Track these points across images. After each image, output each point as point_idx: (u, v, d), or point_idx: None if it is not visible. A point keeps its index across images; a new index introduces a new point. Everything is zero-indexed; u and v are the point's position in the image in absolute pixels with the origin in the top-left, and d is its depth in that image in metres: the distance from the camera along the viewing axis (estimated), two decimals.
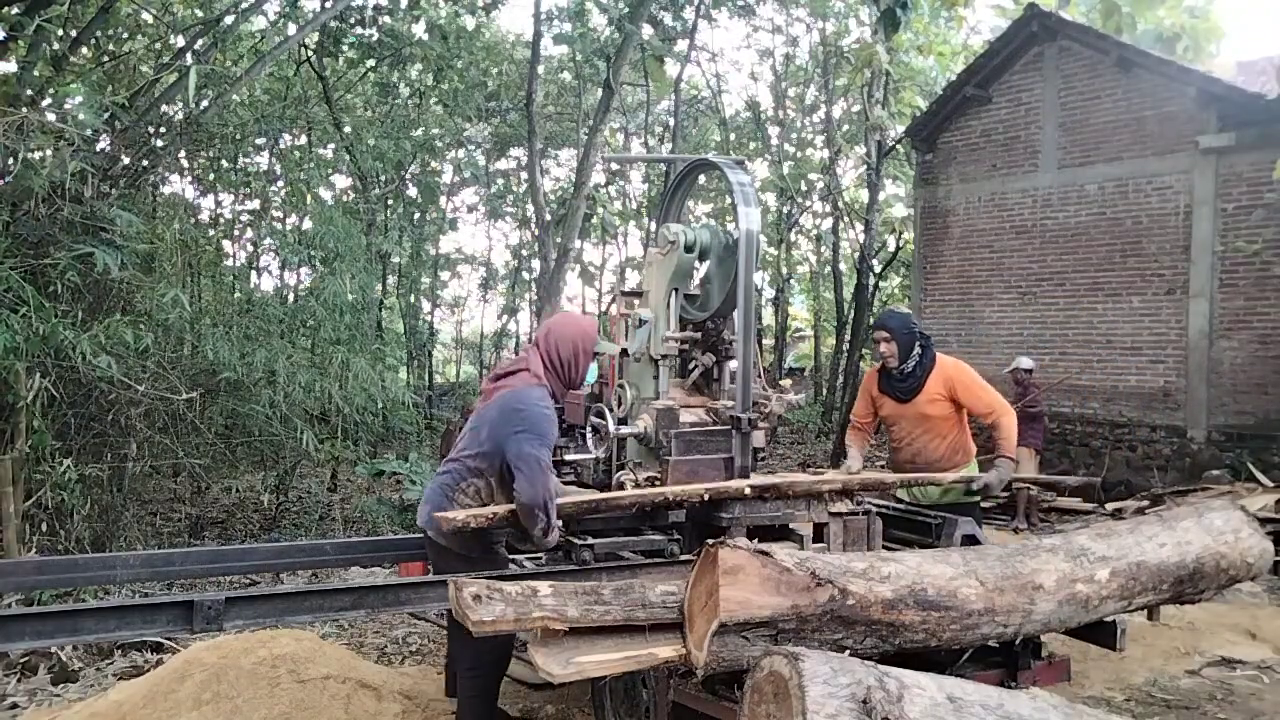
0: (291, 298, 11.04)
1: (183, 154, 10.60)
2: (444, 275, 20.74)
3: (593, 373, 3.49)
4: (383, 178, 14.88)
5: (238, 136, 11.15)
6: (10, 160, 5.69)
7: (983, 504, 5.47)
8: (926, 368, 4.41)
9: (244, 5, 9.44)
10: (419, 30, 13.31)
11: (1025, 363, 9.52)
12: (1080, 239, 10.74)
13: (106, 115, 6.84)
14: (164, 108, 8.81)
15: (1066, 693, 3.79)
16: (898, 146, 15.80)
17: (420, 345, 17.91)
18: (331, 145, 13.65)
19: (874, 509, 3.74)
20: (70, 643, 3.02)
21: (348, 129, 13.73)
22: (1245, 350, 9.46)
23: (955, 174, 12.08)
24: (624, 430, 3.99)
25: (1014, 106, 11.48)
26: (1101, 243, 10.55)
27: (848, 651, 2.30)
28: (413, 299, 18.32)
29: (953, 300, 12.07)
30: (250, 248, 12.41)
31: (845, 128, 18.16)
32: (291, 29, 10.80)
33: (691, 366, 4.25)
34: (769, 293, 19.07)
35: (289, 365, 8.09)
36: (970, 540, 3.71)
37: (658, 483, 3.67)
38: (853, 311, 15.96)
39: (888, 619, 2.48)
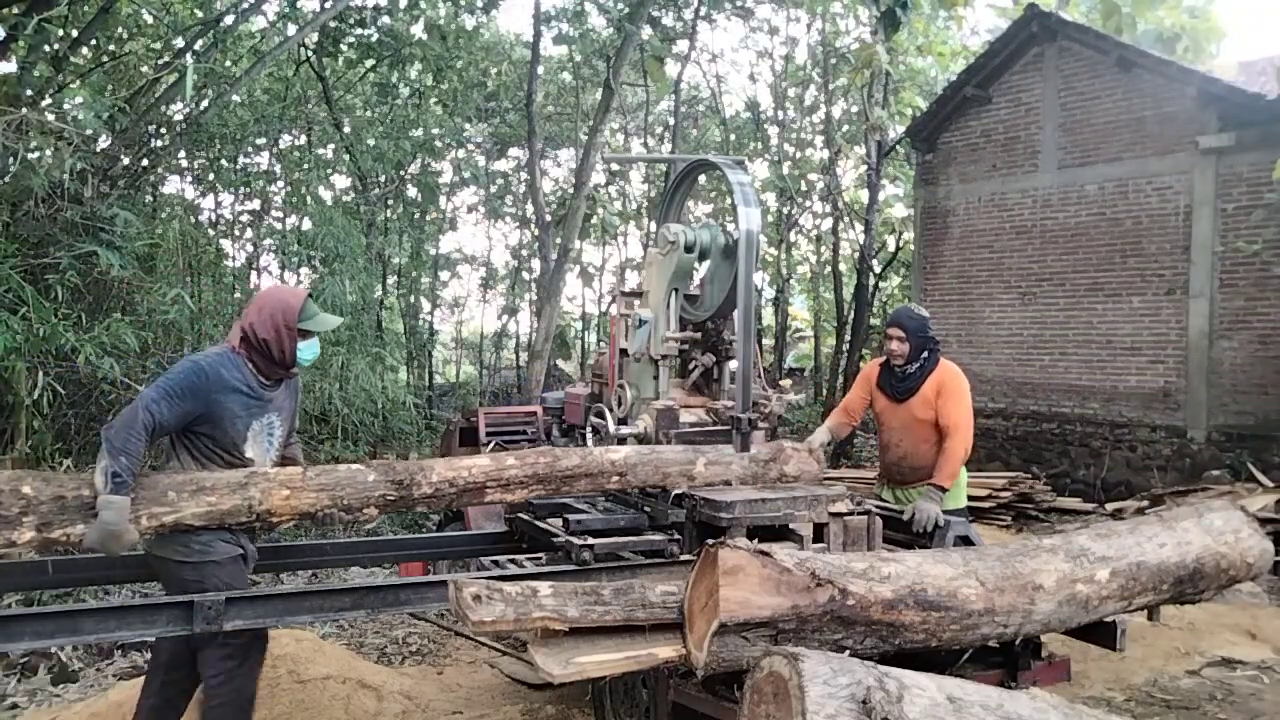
0: None
1: (183, 154, 10.60)
2: (444, 275, 20.72)
3: (312, 350, 3.28)
4: (383, 178, 14.87)
5: (238, 136, 11.14)
6: (10, 160, 5.69)
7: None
8: (927, 371, 4.34)
9: (244, 5, 9.45)
10: (418, 30, 13.31)
11: None
12: (1080, 239, 10.74)
13: (106, 115, 6.85)
14: (164, 108, 8.83)
15: (1066, 693, 3.79)
16: (898, 146, 15.79)
17: (420, 345, 17.88)
18: (331, 145, 13.64)
19: (874, 509, 3.74)
20: (70, 643, 3.01)
21: (348, 129, 13.72)
22: (1245, 350, 9.46)
23: (955, 174, 12.07)
24: (624, 430, 4.00)
25: (1014, 107, 11.47)
26: (1101, 243, 10.55)
27: (848, 651, 2.30)
28: (413, 299, 18.31)
29: (953, 300, 12.07)
30: (250, 248, 12.40)
31: (845, 128, 18.12)
32: (291, 29, 10.80)
33: (691, 366, 4.26)
34: (769, 293, 19.04)
35: None
36: (964, 541, 3.70)
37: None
38: (853, 312, 15.95)
39: (888, 619, 2.48)
